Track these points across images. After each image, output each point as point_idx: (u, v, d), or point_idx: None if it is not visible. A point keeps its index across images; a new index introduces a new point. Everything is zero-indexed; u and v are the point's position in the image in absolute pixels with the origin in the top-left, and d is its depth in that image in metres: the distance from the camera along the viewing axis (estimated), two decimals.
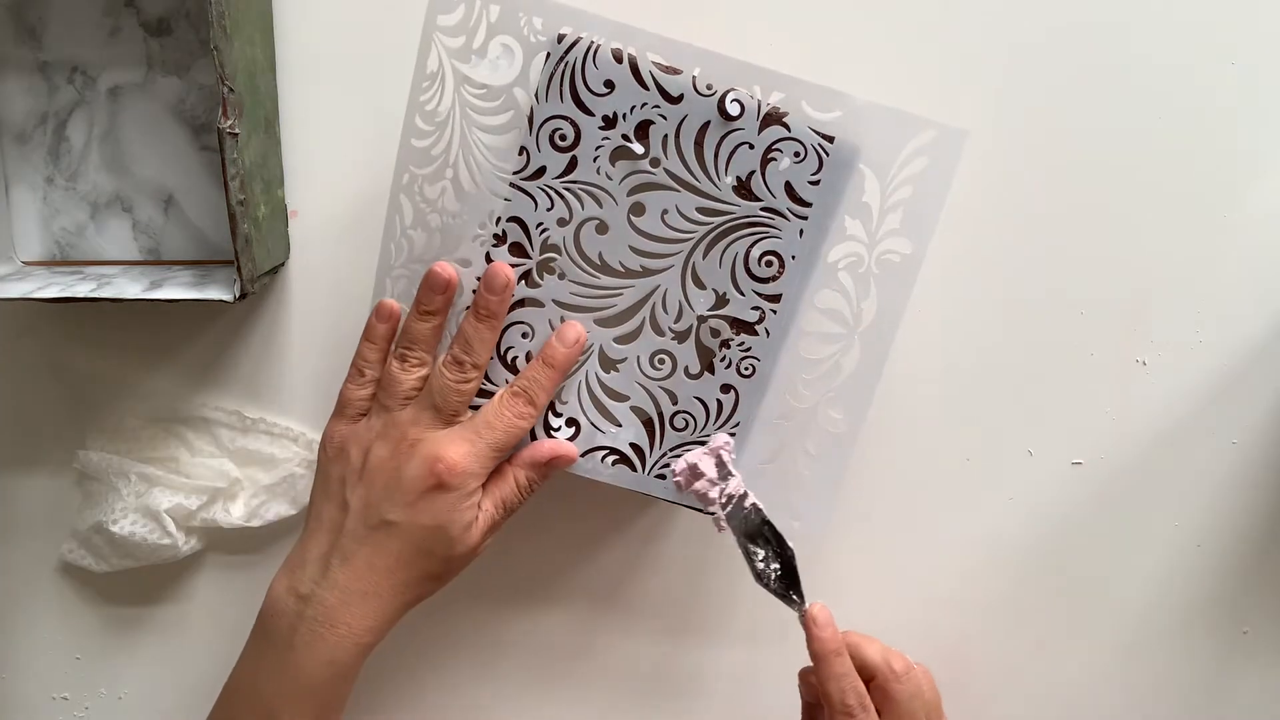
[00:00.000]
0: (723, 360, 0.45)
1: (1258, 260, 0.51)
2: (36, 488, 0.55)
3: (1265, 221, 0.51)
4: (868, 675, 0.45)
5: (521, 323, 0.45)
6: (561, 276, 0.45)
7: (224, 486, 0.52)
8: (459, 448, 0.43)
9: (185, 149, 0.51)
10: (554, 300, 0.45)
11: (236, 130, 0.44)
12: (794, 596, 0.45)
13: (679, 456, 0.46)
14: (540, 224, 0.44)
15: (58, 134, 0.50)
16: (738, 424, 0.46)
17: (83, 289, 0.47)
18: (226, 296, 0.45)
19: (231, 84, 0.44)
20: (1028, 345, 0.52)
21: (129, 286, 0.47)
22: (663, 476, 0.47)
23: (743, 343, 0.45)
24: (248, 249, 0.45)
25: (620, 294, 0.45)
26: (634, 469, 0.47)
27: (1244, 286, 0.52)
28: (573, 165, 0.44)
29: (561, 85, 0.43)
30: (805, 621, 0.45)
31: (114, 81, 0.50)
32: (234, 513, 0.53)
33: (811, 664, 0.45)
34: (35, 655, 0.57)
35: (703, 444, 0.46)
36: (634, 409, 0.46)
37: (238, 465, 0.53)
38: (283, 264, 0.51)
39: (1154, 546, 0.54)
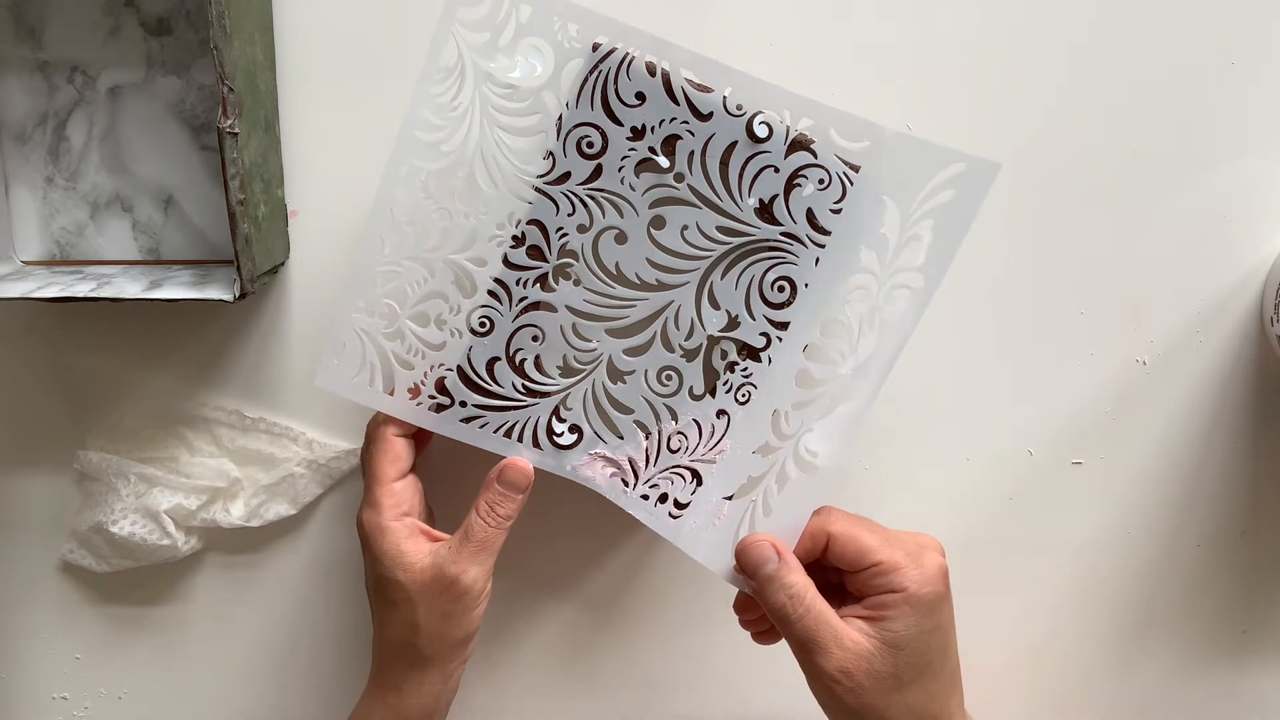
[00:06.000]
0: (725, 384, 0.45)
1: (1257, 260, 0.51)
2: (36, 488, 0.55)
3: (1265, 222, 0.51)
4: (869, 563, 0.42)
5: (533, 326, 0.45)
6: (577, 283, 0.44)
7: (224, 486, 0.52)
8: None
9: (185, 149, 0.51)
10: (567, 306, 0.45)
11: (236, 130, 0.44)
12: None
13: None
14: (560, 229, 0.44)
15: (58, 134, 0.50)
16: (723, 450, 0.45)
17: (82, 289, 0.47)
18: (226, 296, 0.45)
19: (231, 84, 0.44)
20: (1028, 345, 0.52)
21: (129, 286, 0.47)
22: (646, 497, 0.46)
23: (745, 368, 0.45)
24: (248, 249, 0.45)
25: (634, 306, 0.45)
26: (626, 484, 0.46)
27: (1244, 286, 0.52)
28: (598, 173, 0.43)
29: (593, 93, 0.42)
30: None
31: (114, 81, 0.50)
32: (234, 513, 0.53)
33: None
34: (35, 655, 0.57)
35: (693, 470, 0.46)
36: (637, 423, 0.46)
37: (237, 465, 0.53)
38: (283, 264, 0.51)
39: (1154, 546, 0.54)
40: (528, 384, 0.45)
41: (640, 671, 0.56)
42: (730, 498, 0.45)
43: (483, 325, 0.45)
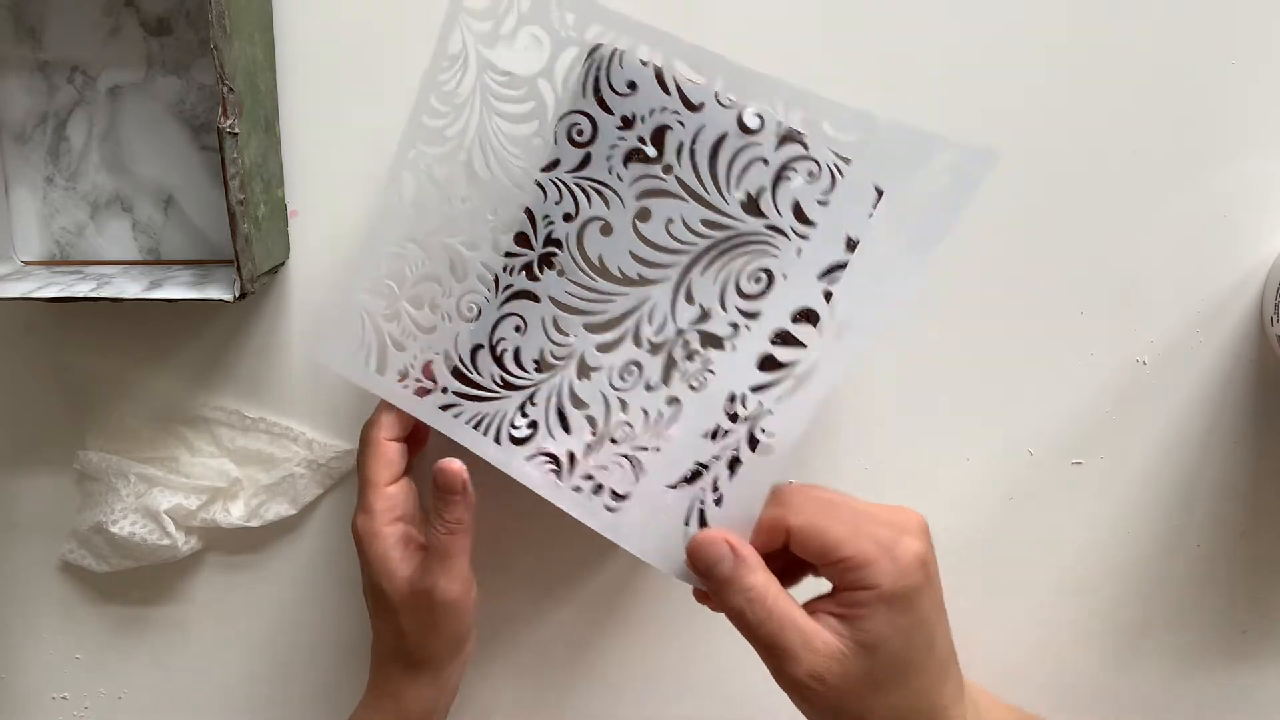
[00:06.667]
0: (680, 373, 0.43)
1: (1257, 260, 0.51)
2: (36, 488, 0.55)
3: (1265, 222, 0.51)
4: (836, 558, 0.38)
5: (517, 315, 0.45)
6: (561, 273, 0.44)
7: (224, 486, 0.52)
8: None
9: (185, 149, 0.51)
10: (550, 297, 0.45)
11: (236, 130, 0.44)
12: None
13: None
14: (547, 216, 0.44)
15: (57, 134, 0.50)
16: (670, 437, 0.43)
17: (82, 289, 0.47)
18: (226, 296, 0.45)
19: (231, 83, 0.44)
20: (1028, 345, 0.52)
21: (129, 286, 0.47)
22: (579, 489, 0.44)
23: (706, 356, 0.43)
24: (248, 249, 0.45)
25: (613, 301, 0.44)
26: (559, 477, 0.44)
27: (1244, 286, 0.52)
28: (586, 161, 0.43)
29: (585, 81, 0.42)
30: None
31: (114, 81, 0.50)
32: (234, 513, 0.53)
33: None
34: (35, 655, 0.57)
35: (632, 457, 0.44)
36: (588, 418, 0.44)
37: (237, 465, 0.53)
38: (283, 264, 0.51)
39: (1154, 546, 0.54)
40: (505, 376, 0.45)
41: (638, 671, 0.56)
42: (679, 485, 0.42)
43: (471, 311, 0.45)
